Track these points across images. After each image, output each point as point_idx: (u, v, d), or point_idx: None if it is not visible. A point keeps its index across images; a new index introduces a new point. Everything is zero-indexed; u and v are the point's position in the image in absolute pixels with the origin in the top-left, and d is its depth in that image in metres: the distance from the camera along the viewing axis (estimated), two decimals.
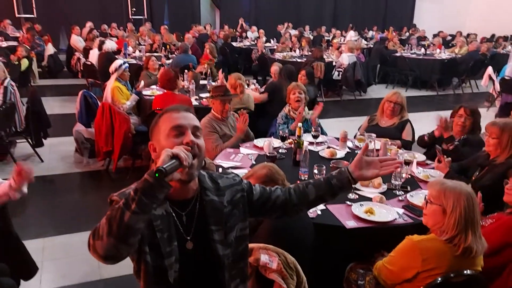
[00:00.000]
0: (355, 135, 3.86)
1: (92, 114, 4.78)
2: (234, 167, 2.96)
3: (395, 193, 2.63)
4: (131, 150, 4.56)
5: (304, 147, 2.92)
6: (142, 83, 5.25)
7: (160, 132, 1.34)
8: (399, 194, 2.62)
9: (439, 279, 1.77)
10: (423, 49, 10.60)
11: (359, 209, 2.36)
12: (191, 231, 1.37)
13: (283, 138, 3.40)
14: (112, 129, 4.39)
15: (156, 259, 1.31)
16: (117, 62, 5.11)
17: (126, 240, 1.12)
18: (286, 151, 3.34)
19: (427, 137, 3.54)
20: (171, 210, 1.35)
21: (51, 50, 9.76)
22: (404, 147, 3.55)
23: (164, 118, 1.36)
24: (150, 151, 1.39)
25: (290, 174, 2.61)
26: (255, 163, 3.03)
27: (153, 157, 1.38)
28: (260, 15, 16.54)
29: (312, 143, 3.49)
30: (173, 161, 1.15)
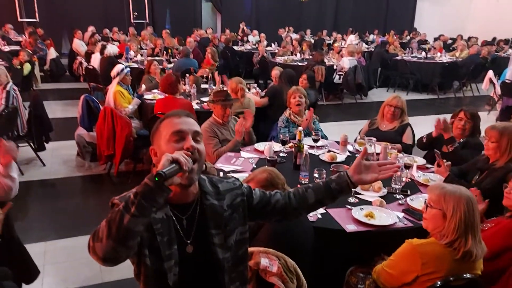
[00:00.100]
0: (355, 138, 3.87)
1: (94, 118, 4.81)
2: (235, 171, 2.97)
3: (395, 196, 2.64)
4: (133, 154, 4.57)
5: (304, 151, 2.94)
6: (143, 86, 5.27)
7: (161, 137, 1.36)
8: (399, 198, 2.62)
9: (439, 282, 1.78)
10: (424, 53, 10.62)
11: (359, 212, 2.36)
12: (191, 235, 1.38)
13: (283, 142, 3.41)
14: (113, 133, 4.41)
15: (156, 262, 1.32)
16: (119, 66, 5.13)
17: (125, 242, 1.14)
18: (287, 155, 3.35)
19: (425, 138, 3.54)
20: (171, 213, 1.36)
21: (53, 54, 9.81)
22: (404, 151, 3.56)
23: (165, 123, 1.38)
24: (151, 155, 1.40)
25: (290, 178, 2.62)
26: (256, 167, 3.04)
27: (154, 161, 1.40)
28: (261, 19, 16.59)
29: (313, 147, 3.50)
30: (173, 165, 1.17)
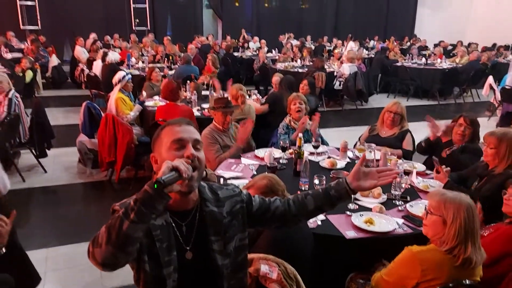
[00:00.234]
0: (355, 144, 3.88)
1: (95, 125, 4.83)
2: (235, 178, 2.98)
3: (394, 203, 2.64)
4: (134, 160, 4.58)
5: (304, 158, 2.95)
6: (144, 93, 5.29)
7: (162, 144, 1.38)
8: (398, 204, 2.62)
9: None
10: (424, 59, 10.64)
11: (359, 219, 2.36)
12: (190, 241, 1.39)
13: (283, 149, 3.42)
14: (115, 139, 4.43)
15: (155, 268, 1.33)
16: (120, 73, 5.16)
17: (124, 248, 1.15)
18: (287, 162, 3.36)
19: (424, 143, 3.56)
20: (171, 220, 1.38)
21: (55, 61, 9.87)
22: (404, 157, 3.57)
23: (165, 131, 1.40)
24: (152, 163, 1.42)
25: (290, 184, 2.63)
26: (256, 173, 3.05)
27: (154, 168, 1.41)
28: (261, 26, 16.67)
29: (313, 153, 3.51)
30: (173, 173, 1.18)
